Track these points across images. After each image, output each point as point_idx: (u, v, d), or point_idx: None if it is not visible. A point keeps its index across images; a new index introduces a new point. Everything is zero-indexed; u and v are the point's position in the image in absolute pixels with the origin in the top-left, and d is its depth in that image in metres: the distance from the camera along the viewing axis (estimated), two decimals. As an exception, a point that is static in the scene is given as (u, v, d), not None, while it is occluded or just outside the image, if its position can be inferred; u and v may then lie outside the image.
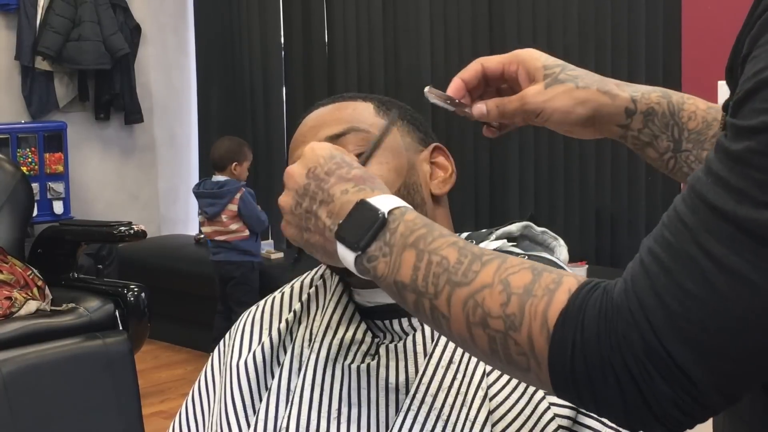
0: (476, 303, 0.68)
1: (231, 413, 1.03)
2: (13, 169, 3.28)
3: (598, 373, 0.62)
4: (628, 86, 0.94)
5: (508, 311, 0.66)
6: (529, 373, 0.66)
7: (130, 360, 2.77)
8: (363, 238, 0.75)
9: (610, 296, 0.63)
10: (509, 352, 0.66)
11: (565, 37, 3.97)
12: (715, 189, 0.59)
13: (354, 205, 0.77)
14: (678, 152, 0.93)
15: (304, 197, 0.81)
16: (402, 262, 0.73)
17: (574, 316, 0.63)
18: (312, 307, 1.08)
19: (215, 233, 4.19)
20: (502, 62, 0.95)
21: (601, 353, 0.61)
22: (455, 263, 0.70)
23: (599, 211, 3.98)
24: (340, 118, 1.04)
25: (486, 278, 0.68)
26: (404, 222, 0.75)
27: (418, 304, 0.72)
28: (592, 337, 0.62)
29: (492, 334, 0.67)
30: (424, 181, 1.04)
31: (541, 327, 0.64)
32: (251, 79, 5.30)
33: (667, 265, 0.60)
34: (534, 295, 0.66)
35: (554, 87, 0.91)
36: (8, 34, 4.97)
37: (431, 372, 0.96)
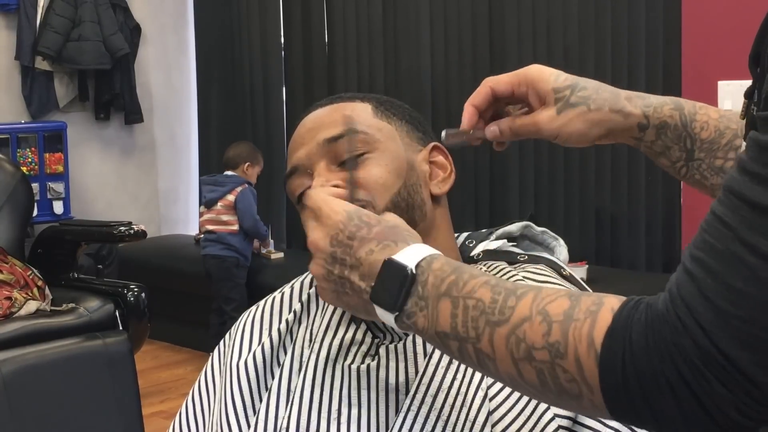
0: (518, 338, 0.67)
1: (231, 413, 1.02)
2: (13, 169, 3.28)
3: (652, 386, 0.61)
4: (641, 99, 0.94)
5: (551, 340, 0.66)
6: (582, 400, 0.65)
7: (130, 360, 2.77)
8: (397, 298, 0.76)
9: (655, 308, 0.62)
10: (559, 381, 0.66)
11: (565, 37, 3.97)
12: (753, 186, 0.59)
13: (381, 265, 0.78)
14: (690, 161, 0.94)
15: (334, 264, 0.82)
16: (439, 312, 0.73)
17: (620, 333, 0.63)
18: (312, 307, 1.08)
19: (208, 221, 4.24)
20: (511, 83, 0.95)
21: (653, 365, 0.60)
22: (490, 303, 0.70)
23: (599, 211, 3.98)
24: (337, 119, 1.04)
25: (524, 312, 0.68)
26: (433, 272, 0.75)
27: (462, 350, 0.72)
28: (641, 351, 0.61)
29: (539, 366, 0.66)
30: (423, 181, 1.04)
31: (588, 349, 0.64)
32: (251, 79, 5.30)
33: (712, 268, 0.60)
34: (576, 319, 0.65)
35: (567, 112, 0.92)
36: (8, 34, 4.97)
37: (431, 372, 0.96)
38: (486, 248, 1.12)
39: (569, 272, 1.07)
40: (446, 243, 1.05)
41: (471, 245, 1.14)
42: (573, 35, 3.95)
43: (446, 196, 1.10)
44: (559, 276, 1.05)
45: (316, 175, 1.02)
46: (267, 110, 5.25)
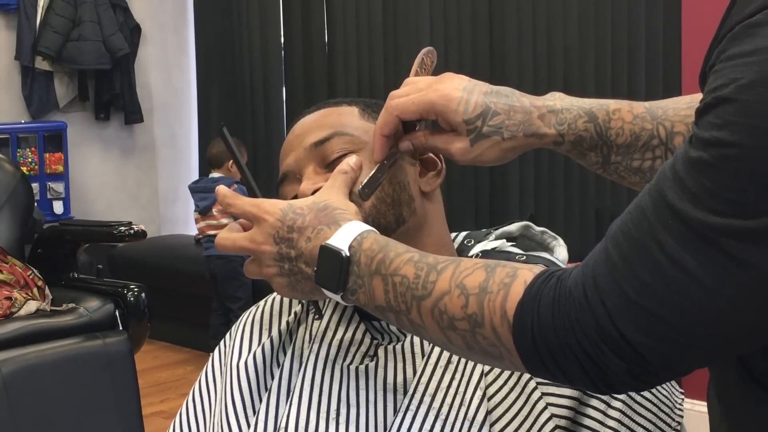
0: (441, 311, 0.75)
1: (231, 413, 1.03)
2: (13, 169, 3.28)
3: (558, 354, 0.67)
4: (554, 115, 0.92)
5: (469, 312, 0.73)
6: (504, 361, 0.72)
7: (130, 360, 2.77)
8: (337, 281, 0.82)
9: (564, 284, 0.68)
10: (482, 346, 0.73)
11: (565, 37, 3.97)
12: (674, 188, 0.64)
13: (318, 251, 0.83)
14: (607, 164, 0.95)
15: (283, 261, 0.87)
16: (374, 289, 0.80)
17: (529, 306, 0.69)
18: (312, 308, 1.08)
19: (207, 227, 4.24)
20: (419, 112, 0.93)
21: (557, 337, 0.67)
22: (414, 279, 0.77)
23: (599, 211, 3.98)
24: (324, 124, 1.05)
25: (443, 286, 0.75)
26: (363, 252, 0.81)
27: (399, 320, 0.80)
28: (547, 324, 0.67)
29: (462, 333, 0.74)
30: (413, 180, 1.04)
31: (502, 319, 0.70)
32: (251, 79, 5.30)
33: (626, 254, 0.65)
34: (490, 292, 0.72)
35: (480, 143, 0.91)
36: (8, 34, 4.97)
37: (429, 372, 0.96)
38: (485, 248, 1.12)
39: (569, 272, 1.07)
40: (439, 239, 1.06)
41: (470, 245, 1.14)
42: (573, 35, 3.95)
43: (442, 194, 1.09)
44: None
45: (304, 179, 1.03)
46: (267, 110, 5.25)
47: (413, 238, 1.01)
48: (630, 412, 0.94)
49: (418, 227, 1.03)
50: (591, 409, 0.94)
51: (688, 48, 3.19)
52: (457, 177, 4.23)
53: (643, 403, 0.95)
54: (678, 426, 0.97)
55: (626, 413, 0.94)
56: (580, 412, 0.93)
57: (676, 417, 0.97)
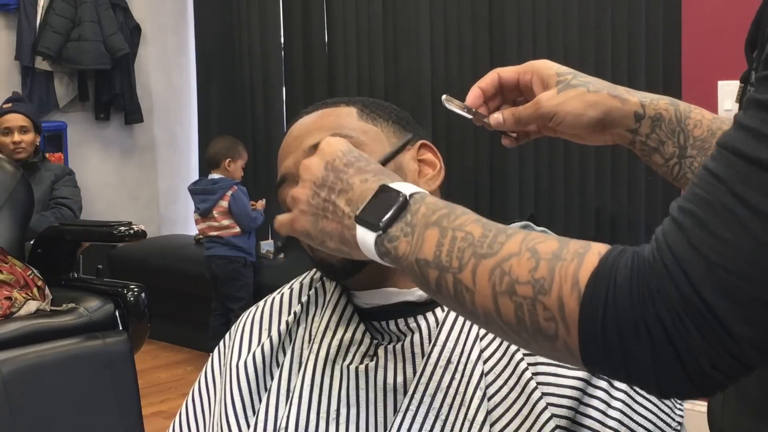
0: (503, 271, 0.68)
1: (231, 413, 1.03)
2: (13, 169, 3.28)
3: (630, 330, 0.61)
4: (638, 92, 0.97)
5: (536, 275, 0.66)
6: (556, 341, 0.66)
7: (130, 360, 2.77)
8: (384, 218, 0.75)
9: (641, 255, 0.63)
10: (537, 319, 0.66)
11: (565, 37, 3.97)
12: (747, 141, 0.60)
13: (375, 190, 0.78)
14: (683, 158, 0.95)
15: (322, 188, 0.82)
16: (425, 239, 0.73)
17: (606, 275, 0.63)
18: (311, 308, 1.08)
19: (208, 229, 4.24)
20: (518, 71, 0.99)
21: (634, 309, 0.61)
22: (480, 237, 0.71)
23: (599, 211, 3.98)
24: (323, 125, 1.05)
25: (512, 247, 0.69)
26: (425, 203, 0.76)
27: (440, 280, 0.72)
28: (625, 294, 0.62)
29: (519, 301, 0.67)
30: (412, 180, 1.04)
31: (572, 288, 0.64)
32: (251, 79, 5.30)
33: (702, 219, 0.61)
34: (564, 259, 0.66)
35: (567, 91, 0.95)
36: (8, 34, 4.97)
37: (429, 372, 0.96)
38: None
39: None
40: None
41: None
42: (573, 35, 3.95)
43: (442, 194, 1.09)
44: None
45: None
46: (267, 110, 5.25)
47: None
48: (630, 412, 0.94)
49: None
50: (591, 409, 0.94)
51: (688, 48, 3.19)
52: (457, 177, 4.23)
53: (644, 403, 0.95)
54: (678, 426, 0.97)
55: (626, 413, 0.94)
56: (580, 412, 0.93)
57: (676, 417, 0.97)
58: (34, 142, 4.19)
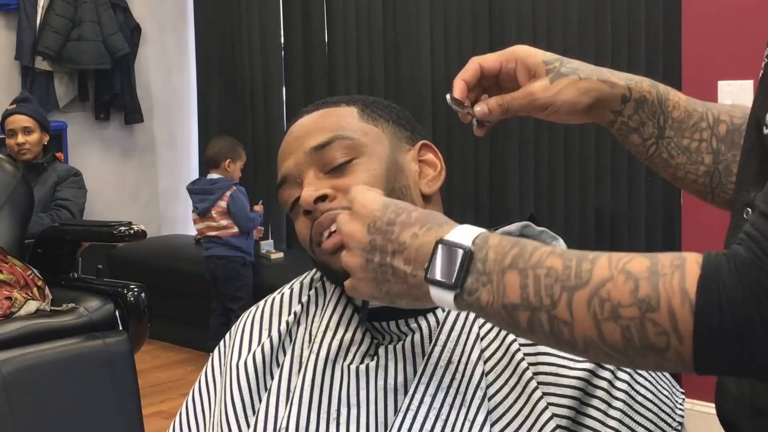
0: (602, 299, 0.68)
1: (231, 413, 1.03)
2: (13, 169, 3.28)
3: (748, 328, 0.62)
4: (622, 74, 0.98)
5: (640, 295, 0.66)
6: (668, 352, 0.66)
7: (130, 360, 2.77)
8: (457, 276, 0.74)
9: (741, 256, 0.64)
10: (646, 336, 0.66)
11: (565, 37, 3.97)
12: None
13: (433, 246, 0.76)
14: (661, 139, 0.98)
15: (374, 253, 0.80)
16: (506, 285, 0.72)
17: (713, 281, 0.64)
18: (311, 308, 1.08)
19: (207, 229, 4.25)
20: (500, 60, 0.97)
21: (749, 307, 0.62)
22: (563, 269, 0.70)
23: (599, 211, 3.98)
24: (324, 126, 1.04)
25: (603, 273, 0.68)
26: (492, 248, 0.74)
27: (533, 320, 0.71)
28: (737, 295, 0.63)
29: (625, 323, 0.67)
30: (413, 182, 1.04)
31: (683, 299, 0.65)
32: (251, 79, 5.29)
33: None
34: (663, 274, 0.66)
35: (559, 80, 0.95)
36: (8, 34, 4.97)
37: (430, 372, 0.96)
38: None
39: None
40: None
41: (470, 245, 1.14)
42: (573, 35, 3.94)
43: (442, 194, 1.09)
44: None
45: (305, 184, 1.02)
46: (267, 110, 5.25)
47: None
48: (631, 412, 0.94)
49: None
50: (592, 410, 0.93)
51: (688, 48, 3.19)
52: (457, 177, 4.23)
53: (644, 403, 0.95)
54: (679, 426, 0.97)
55: (627, 413, 0.94)
56: (581, 412, 0.93)
57: (676, 417, 0.97)
58: (40, 142, 4.16)
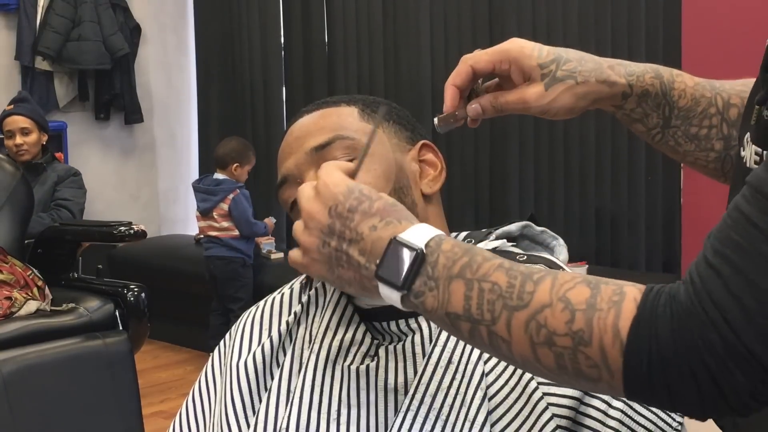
0: (538, 324, 0.68)
1: (231, 413, 1.03)
2: (13, 169, 3.28)
3: (675, 375, 0.63)
4: (623, 67, 0.95)
5: (574, 327, 0.67)
6: (600, 383, 0.68)
7: (130, 360, 2.77)
8: (406, 277, 0.74)
9: (679, 300, 0.64)
10: (579, 367, 0.67)
11: (565, 37, 3.97)
12: None
13: (387, 243, 0.76)
14: (667, 128, 0.95)
15: (331, 236, 0.80)
16: (451, 293, 0.73)
17: (646, 325, 0.65)
18: (312, 308, 1.08)
19: (209, 228, 4.24)
20: (492, 62, 0.93)
21: (678, 355, 0.63)
22: (507, 287, 0.70)
23: (599, 211, 3.98)
24: (324, 126, 1.04)
25: (543, 298, 0.69)
26: (443, 253, 0.74)
27: (473, 332, 0.72)
28: (668, 343, 0.63)
29: (559, 351, 0.68)
30: (413, 182, 1.04)
31: (614, 339, 0.65)
32: (251, 79, 5.30)
33: (739, 266, 0.62)
34: (600, 309, 0.66)
35: (555, 86, 0.92)
36: (8, 34, 4.97)
37: (430, 372, 0.96)
38: (485, 248, 1.12)
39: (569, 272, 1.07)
40: None
41: (470, 245, 1.14)
42: (573, 35, 3.95)
43: (442, 194, 1.09)
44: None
45: None
46: (267, 110, 5.25)
47: None
48: (631, 412, 0.94)
49: None
50: (592, 409, 0.93)
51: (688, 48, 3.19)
52: (457, 177, 4.23)
53: (644, 403, 0.95)
54: (679, 426, 0.97)
55: (627, 413, 0.94)
56: (581, 412, 0.93)
57: (677, 417, 0.97)
58: (39, 143, 4.15)
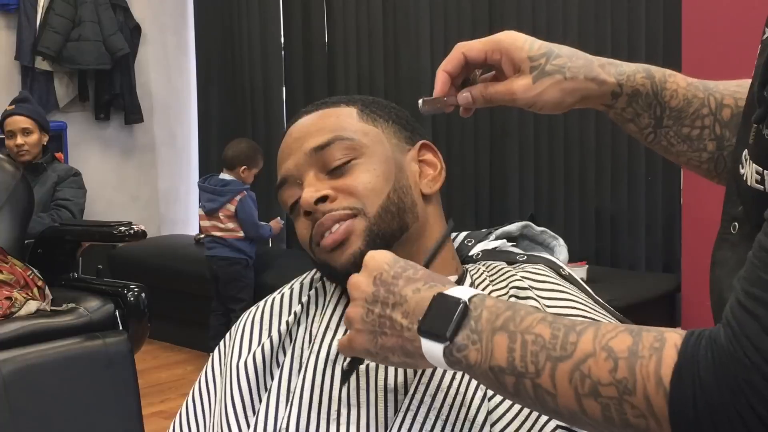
0: (583, 374, 0.68)
1: (231, 413, 1.03)
2: (13, 169, 3.28)
3: (723, 419, 0.63)
4: (614, 67, 0.94)
5: (618, 376, 0.67)
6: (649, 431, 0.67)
7: (130, 360, 2.76)
8: (449, 328, 0.74)
9: (720, 344, 0.64)
10: (626, 417, 0.67)
11: (566, 37, 3.97)
12: None
13: (432, 299, 0.77)
14: (659, 128, 0.94)
15: (375, 304, 0.81)
16: (495, 346, 0.72)
17: (688, 371, 0.64)
18: (312, 308, 1.08)
19: (212, 228, 4.23)
20: (485, 50, 0.94)
21: (724, 400, 0.62)
22: (550, 339, 0.70)
23: (599, 211, 3.98)
24: (323, 127, 1.04)
25: (586, 348, 0.69)
26: (486, 308, 0.75)
27: (518, 386, 0.72)
28: (713, 388, 0.63)
29: (605, 402, 0.67)
30: (413, 182, 1.04)
31: (657, 387, 0.65)
32: (251, 79, 5.30)
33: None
34: (642, 356, 0.66)
35: (542, 80, 0.91)
36: (8, 34, 4.97)
37: (430, 372, 0.96)
38: (485, 248, 1.12)
39: (568, 272, 1.07)
40: None
41: (470, 244, 1.14)
42: (573, 35, 3.94)
43: (442, 194, 1.09)
44: (558, 276, 1.05)
45: (305, 185, 1.02)
46: (267, 110, 5.25)
47: (415, 243, 1.01)
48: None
49: (419, 233, 1.03)
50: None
51: (688, 48, 3.19)
52: (457, 177, 4.23)
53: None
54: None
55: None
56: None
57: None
58: (39, 143, 4.15)
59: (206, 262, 4.26)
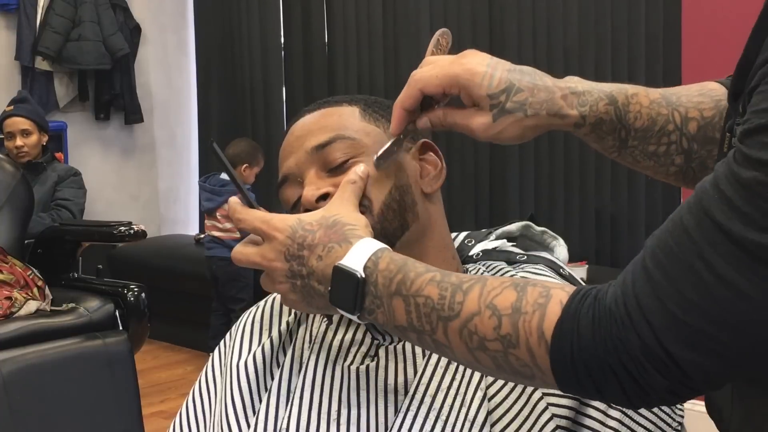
0: (470, 331, 0.74)
1: (231, 414, 1.03)
2: (13, 169, 3.28)
3: (598, 373, 0.68)
4: (577, 97, 0.90)
5: (502, 332, 0.72)
6: (536, 380, 0.73)
7: (130, 360, 2.77)
8: (354, 302, 0.81)
9: (602, 303, 0.68)
10: (513, 366, 0.73)
11: (565, 38, 3.97)
12: (722, 207, 0.63)
13: (332, 271, 0.82)
14: (624, 148, 0.94)
15: (295, 277, 0.86)
16: (394, 310, 0.79)
17: (568, 327, 0.69)
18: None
19: (212, 227, 4.24)
20: (442, 86, 0.91)
21: (598, 356, 0.67)
22: (439, 300, 0.76)
23: (599, 211, 3.98)
24: (325, 126, 1.04)
25: (472, 306, 0.74)
26: (380, 273, 0.80)
27: (421, 340, 0.79)
28: (588, 343, 0.68)
29: (493, 354, 0.73)
30: (414, 181, 1.03)
31: (539, 340, 0.70)
32: (251, 79, 5.30)
33: (670, 273, 0.65)
34: (525, 312, 0.71)
35: (502, 119, 0.88)
36: (8, 34, 4.97)
37: (430, 373, 0.96)
38: (485, 248, 1.12)
39: (568, 272, 1.07)
40: (441, 240, 1.05)
41: (470, 244, 1.14)
42: (573, 35, 3.95)
43: (442, 194, 1.09)
44: (558, 276, 1.05)
45: (306, 183, 1.02)
46: (267, 110, 5.25)
47: (416, 243, 1.01)
48: (631, 412, 0.94)
49: (421, 232, 1.02)
50: (592, 410, 0.94)
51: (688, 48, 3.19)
52: (457, 177, 4.23)
53: (644, 403, 0.95)
54: (679, 426, 0.97)
55: (627, 413, 0.94)
56: (581, 413, 0.93)
57: (676, 417, 0.97)
58: (39, 143, 4.15)
59: (206, 262, 4.26)
